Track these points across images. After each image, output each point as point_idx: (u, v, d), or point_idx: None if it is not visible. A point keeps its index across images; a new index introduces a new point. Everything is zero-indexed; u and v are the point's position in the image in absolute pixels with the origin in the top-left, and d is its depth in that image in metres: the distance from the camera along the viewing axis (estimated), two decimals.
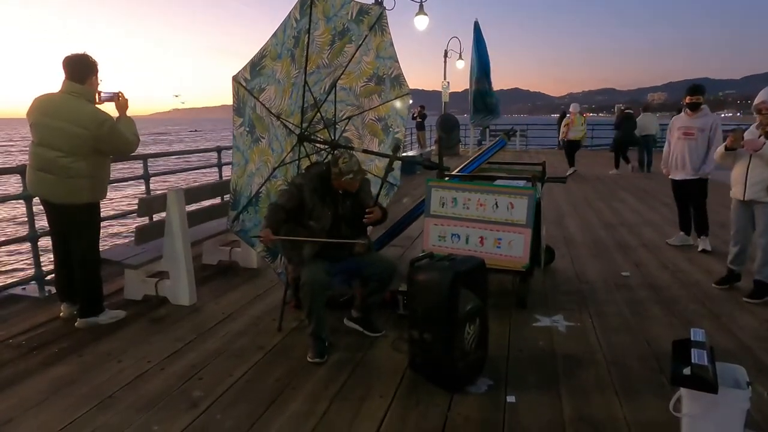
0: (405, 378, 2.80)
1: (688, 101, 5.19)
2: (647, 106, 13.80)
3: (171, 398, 2.63)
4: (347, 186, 3.20)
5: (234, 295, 4.11)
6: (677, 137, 5.28)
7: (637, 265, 4.89)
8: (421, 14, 12.09)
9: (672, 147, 5.37)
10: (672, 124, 5.43)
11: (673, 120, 5.43)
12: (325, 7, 3.62)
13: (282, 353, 3.13)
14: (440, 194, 3.92)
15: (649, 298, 4.02)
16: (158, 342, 3.27)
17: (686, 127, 5.22)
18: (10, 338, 3.29)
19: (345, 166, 3.12)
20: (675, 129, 5.34)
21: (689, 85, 5.31)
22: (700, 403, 2.10)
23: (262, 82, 3.35)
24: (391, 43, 4.33)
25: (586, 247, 5.56)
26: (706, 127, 5.12)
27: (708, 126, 5.12)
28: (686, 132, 5.20)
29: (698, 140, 5.12)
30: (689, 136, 5.17)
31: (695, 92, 5.19)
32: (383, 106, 4.60)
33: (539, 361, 3.02)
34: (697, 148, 5.13)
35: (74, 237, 3.36)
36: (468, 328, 2.67)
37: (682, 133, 5.23)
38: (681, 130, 5.25)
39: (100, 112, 3.24)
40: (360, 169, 3.18)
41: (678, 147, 5.27)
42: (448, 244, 3.86)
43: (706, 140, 5.10)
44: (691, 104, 5.18)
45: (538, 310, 3.75)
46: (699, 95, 5.17)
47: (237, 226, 3.49)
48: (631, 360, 3.01)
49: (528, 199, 3.67)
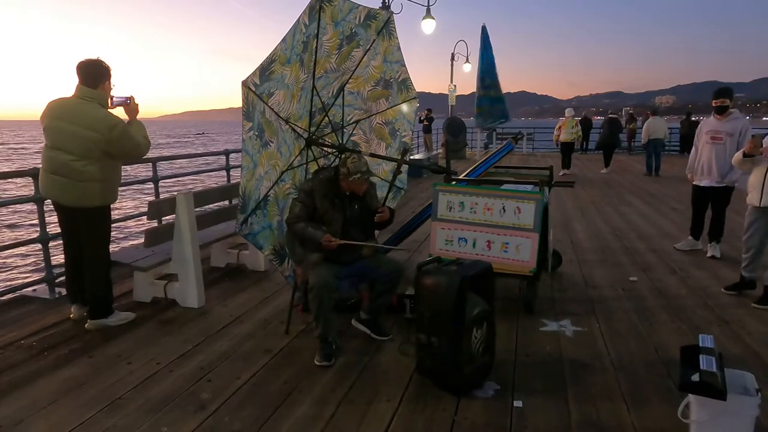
0: (412, 382, 2.81)
1: (715, 104, 4.99)
2: (656, 110, 13.73)
3: (180, 400, 2.65)
4: (355, 187, 3.23)
5: (242, 298, 4.14)
6: (705, 141, 5.07)
7: (645, 270, 4.87)
8: (429, 18, 12.12)
9: (699, 151, 5.17)
10: (700, 128, 5.26)
11: (702, 123, 5.27)
12: (333, 12, 3.65)
13: (289, 356, 3.14)
14: (447, 198, 3.93)
15: (657, 304, 4.00)
16: (167, 344, 3.30)
17: (714, 131, 5.00)
18: (22, 339, 3.33)
19: (353, 166, 3.15)
20: (703, 133, 5.13)
21: (717, 88, 5.13)
22: (709, 410, 2.10)
23: (271, 86, 3.38)
24: (398, 47, 4.35)
25: (593, 251, 5.54)
26: (735, 131, 4.89)
27: (737, 130, 4.90)
28: (714, 136, 4.99)
29: (726, 145, 4.91)
30: (717, 140, 4.97)
31: (720, 95, 4.98)
32: (391, 110, 4.63)
33: (546, 366, 3.02)
34: (725, 154, 4.89)
35: (85, 239, 3.39)
36: (475, 332, 2.67)
37: (710, 137, 5.02)
38: (709, 134, 5.04)
39: (111, 116, 3.27)
40: (368, 170, 3.21)
41: (705, 152, 5.07)
42: (455, 248, 3.87)
43: (735, 145, 4.85)
44: (717, 108, 4.98)
45: (546, 314, 3.75)
46: (725, 98, 4.95)
47: (245, 230, 3.52)
48: (638, 366, 3.00)
49: (536, 204, 3.67)
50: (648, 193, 9.58)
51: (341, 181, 3.24)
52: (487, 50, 12.13)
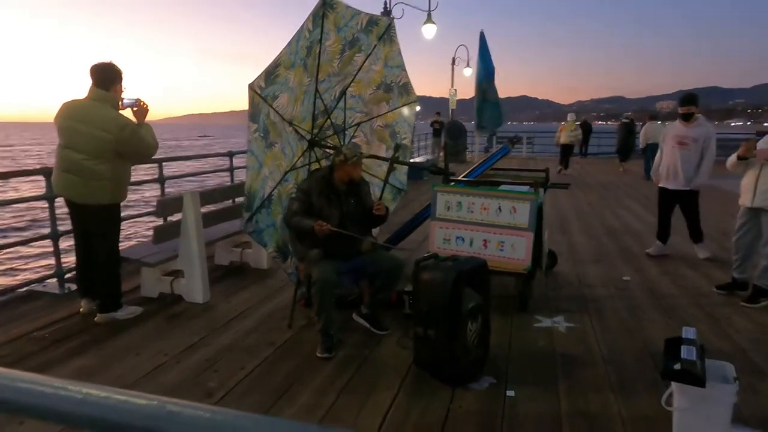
0: (410, 374, 2.93)
1: (682, 112, 5.12)
2: (654, 115, 13.85)
3: (187, 388, 2.78)
4: (351, 173, 3.38)
5: (245, 294, 4.26)
6: (671, 146, 5.19)
7: (639, 270, 4.99)
8: (429, 23, 12.28)
9: (665, 156, 5.28)
10: (665, 132, 5.37)
11: (667, 128, 5.39)
12: (336, 18, 3.79)
13: (292, 349, 3.26)
14: (446, 198, 4.05)
15: (648, 302, 4.12)
16: (174, 337, 3.42)
17: (681, 136, 5.12)
18: (33, 332, 3.45)
19: (349, 152, 3.34)
20: (669, 137, 5.25)
21: (683, 94, 5.24)
22: (690, 397, 2.21)
23: (275, 89, 3.51)
24: (399, 52, 4.49)
25: (588, 252, 5.66)
26: (700, 137, 5.04)
27: (703, 136, 5.03)
28: (681, 141, 5.11)
29: (692, 150, 5.04)
30: (683, 145, 5.09)
31: (687, 103, 5.10)
32: (391, 113, 4.76)
33: (539, 359, 3.13)
34: (691, 158, 5.04)
35: (95, 236, 3.52)
36: (470, 325, 2.79)
37: (677, 142, 5.14)
38: (675, 139, 5.16)
39: (122, 117, 3.40)
40: (362, 154, 3.40)
41: (671, 156, 5.18)
42: (453, 247, 3.99)
43: (699, 150, 5.01)
44: (684, 115, 5.10)
45: (540, 311, 3.87)
46: (692, 105, 5.08)
47: (250, 227, 3.64)
48: (627, 359, 3.12)
49: (530, 204, 3.79)
50: (645, 197, 9.68)
51: (337, 172, 3.38)
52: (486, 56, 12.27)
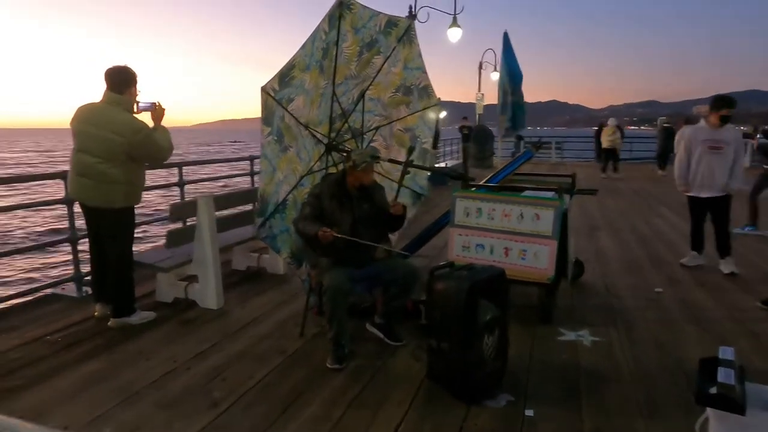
0: (423, 388, 2.79)
1: (726, 113, 4.77)
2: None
3: (193, 397, 2.71)
4: (362, 178, 3.27)
5: (260, 300, 4.20)
6: (702, 151, 4.86)
7: (672, 281, 4.72)
8: (455, 26, 12.14)
9: (695, 162, 4.92)
10: (692, 136, 4.97)
11: (693, 132, 4.97)
12: (353, 19, 3.70)
13: (302, 358, 3.17)
14: (465, 204, 3.90)
15: (682, 315, 3.87)
16: (185, 343, 3.37)
17: (714, 140, 4.81)
18: (47, 335, 3.46)
19: (358, 158, 3.22)
20: (698, 142, 4.89)
21: (720, 95, 4.90)
22: (727, 426, 2.01)
23: (290, 92, 3.44)
24: (419, 54, 4.37)
25: (618, 261, 5.41)
26: (732, 140, 4.80)
27: (735, 139, 4.83)
28: (713, 146, 4.80)
29: (726, 154, 4.77)
30: (717, 149, 4.79)
31: (728, 105, 4.79)
32: (411, 117, 4.64)
33: (561, 375, 2.95)
34: (725, 163, 4.77)
35: (108, 240, 3.51)
36: (486, 338, 2.64)
37: (708, 146, 4.82)
38: (707, 143, 4.83)
39: (136, 120, 3.39)
40: (373, 157, 3.29)
41: (704, 162, 4.85)
42: (473, 255, 3.84)
43: (732, 154, 4.78)
44: (724, 117, 4.77)
45: (564, 323, 3.67)
46: (731, 108, 4.79)
47: (263, 233, 3.57)
48: (658, 378, 2.91)
49: (554, 211, 3.61)
50: (680, 203, 9.27)
51: (348, 177, 3.28)
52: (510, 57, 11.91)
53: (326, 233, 3.08)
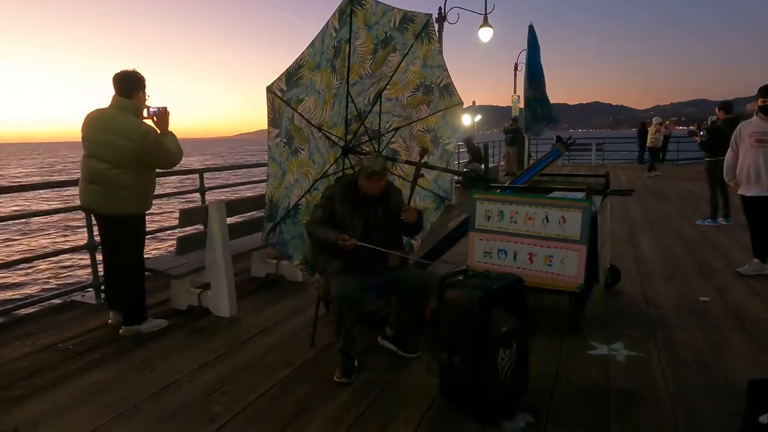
0: (434, 405, 2.58)
1: (762, 104, 4.44)
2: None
3: (192, 411, 2.58)
4: (374, 186, 3.08)
5: (275, 308, 4.07)
6: (749, 145, 4.54)
7: (720, 290, 4.31)
8: (486, 26, 11.86)
9: (742, 156, 4.62)
10: (739, 131, 4.69)
11: (741, 126, 4.70)
12: (365, 15, 3.53)
13: (310, 371, 3.01)
14: (485, 207, 3.67)
15: (731, 328, 3.49)
16: (192, 353, 3.27)
17: (761, 132, 4.48)
18: (60, 342, 3.43)
19: (368, 163, 3.04)
20: (746, 136, 4.59)
21: (764, 85, 4.53)
22: None
23: (299, 92, 3.30)
24: (439, 51, 4.17)
25: (659, 267, 5.01)
26: None
27: None
28: (760, 138, 4.46)
29: None
30: (764, 143, 4.45)
31: None
32: (433, 117, 4.43)
33: (589, 395, 2.67)
34: None
35: (119, 246, 3.46)
36: (502, 353, 2.40)
37: (755, 140, 4.49)
38: (754, 137, 4.51)
39: (144, 125, 3.34)
40: (385, 168, 3.08)
41: (750, 156, 4.53)
42: (495, 261, 3.59)
43: None
44: (764, 107, 4.44)
45: (595, 336, 3.37)
46: None
47: (273, 238, 3.44)
48: (701, 400, 2.59)
49: (582, 213, 3.33)
50: (735, 207, 8.67)
51: (359, 182, 3.10)
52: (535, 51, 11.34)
53: (346, 241, 2.92)
